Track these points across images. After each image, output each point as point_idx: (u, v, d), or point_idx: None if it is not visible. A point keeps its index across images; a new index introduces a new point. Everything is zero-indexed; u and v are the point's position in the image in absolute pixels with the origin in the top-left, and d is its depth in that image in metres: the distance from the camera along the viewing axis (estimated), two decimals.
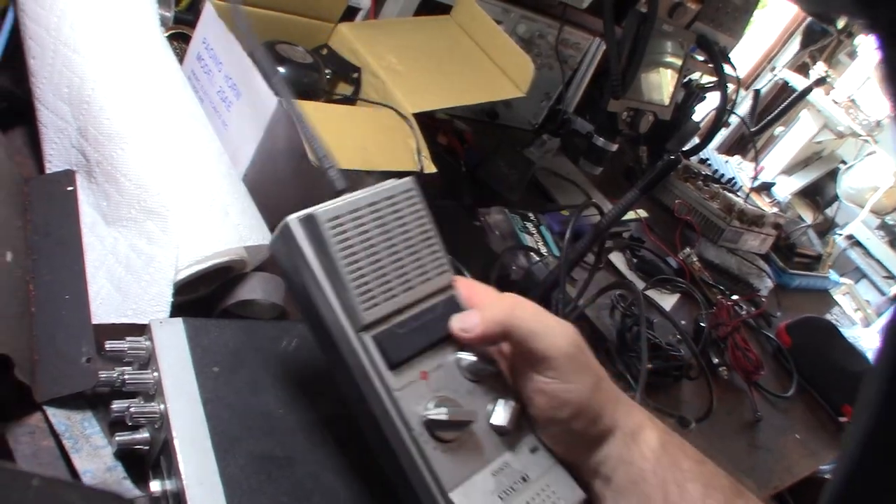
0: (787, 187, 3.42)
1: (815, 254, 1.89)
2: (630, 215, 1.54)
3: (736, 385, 1.33)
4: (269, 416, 0.59)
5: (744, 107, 3.72)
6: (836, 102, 3.36)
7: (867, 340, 1.75)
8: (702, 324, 1.36)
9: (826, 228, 3.54)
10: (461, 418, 0.51)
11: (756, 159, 2.72)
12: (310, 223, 0.51)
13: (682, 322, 1.38)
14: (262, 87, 0.79)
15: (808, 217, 3.49)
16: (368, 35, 1.15)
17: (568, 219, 1.37)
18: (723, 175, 1.96)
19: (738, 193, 1.96)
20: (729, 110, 1.93)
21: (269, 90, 0.78)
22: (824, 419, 1.44)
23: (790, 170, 3.49)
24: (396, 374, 0.51)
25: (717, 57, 1.75)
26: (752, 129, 2.04)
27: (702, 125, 2.07)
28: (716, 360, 1.31)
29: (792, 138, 3.44)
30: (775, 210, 1.82)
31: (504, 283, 1.09)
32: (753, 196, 3.43)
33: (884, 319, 1.90)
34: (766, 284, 1.68)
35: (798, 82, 3.38)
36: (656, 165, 0.97)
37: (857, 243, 3.42)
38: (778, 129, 3.56)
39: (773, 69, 3.49)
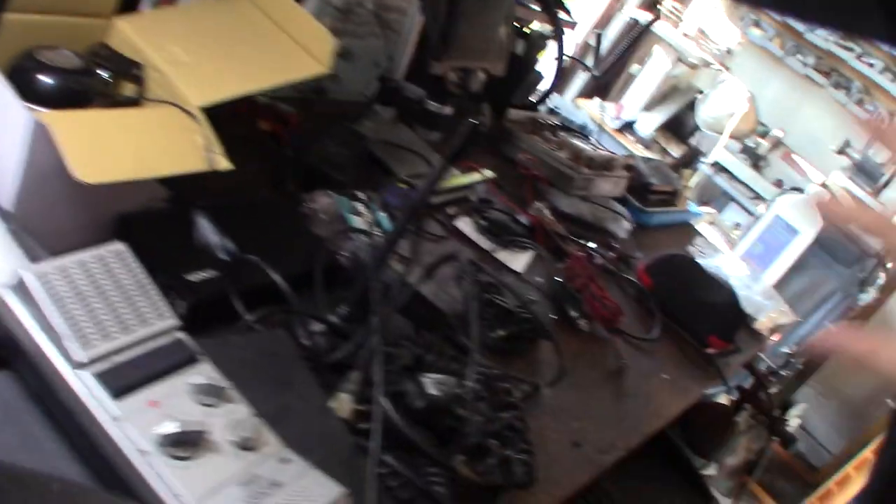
0: (649, 124, 3.47)
1: (672, 189, 1.89)
2: (476, 177, 1.49)
3: (599, 336, 1.30)
4: None
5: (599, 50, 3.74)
6: (686, 35, 3.42)
7: (730, 266, 1.78)
8: (557, 279, 1.33)
9: (691, 159, 3.63)
10: (193, 429, 0.54)
11: (603, 99, 2.74)
12: (21, 286, 0.55)
13: (538, 279, 1.35)
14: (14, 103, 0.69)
15: (674, 150, 3.56)
16: (150, 26, 1.04)
17: (406, 192, 1.31)
18: (573, 122, 1.93)
19: (592, 139, 1.94)
20: (572, 57, 1.90)
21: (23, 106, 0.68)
22: (692, 354, 1.44)
23: (650, 106, 3.54)
24: (121, 403, 0.54)
25: (550, 4, 1.71)
26: (595, 73, 2.01)
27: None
28: (574, 314, 1.28)
29: (647, 75, 3.49)
30: (633, 150, 1.83)
31: (333, 271, 1.01)
32: (617, 136, 3.48)
33: (751, 239, 1.93)
34: (623, 227, 1.67)
35: (646, 19, 3.42)
36: (459, 132, 0.90)
37: (723, 169, 3.51)
38: (634, 68, 3.61)
39: (621, 9, 3.52)
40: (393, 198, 1.28)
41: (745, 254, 1.80)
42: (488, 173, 1.52)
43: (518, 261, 1.36)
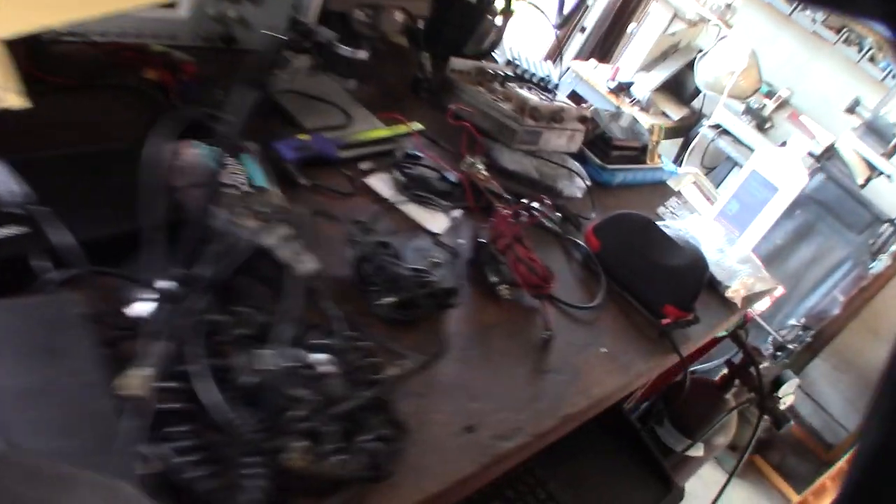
0: (646, 85, 3.27)
1: (639, 144, 1.72)
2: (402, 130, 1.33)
3: (525, 304, 1.15)
4: None
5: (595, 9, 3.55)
6: None
7: (701, 229, 1.60)
8: (481, 240, 1.17)
9: (693, 122, 3.43)
10: None
11: (556, 56, 2.56)
12: None
13: (460, 241, 1.19)
14: None
15: (675, 113, 3.37)
16: None
17: (301, 144, 1.16)
18: (533, 75, 1.76)
19: (555, 92, 1.77)
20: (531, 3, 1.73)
21: None
22: (641, 324, 1.28)
23: (648, 66, 3.34)
24: None
25: None
26: (555, 24, 1.84)
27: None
28: (493, 279, 1.12)
29: (644, 34, 3.29)
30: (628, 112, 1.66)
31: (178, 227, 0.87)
32: (612, 98, 3.28)
33: (725, 197, 1.73)
34: (577, 186, 1.50)
35: None
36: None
37: (725, 132, 3.31)
38: (631, 27, 3.40)
39: None
40: (287, 150, 1.13)
41: (720, 214, 1.61)
42: (417, 126, 1.37)
43: (437, 221, 1.20)
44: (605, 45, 3.68)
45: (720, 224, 1.66)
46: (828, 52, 3.39)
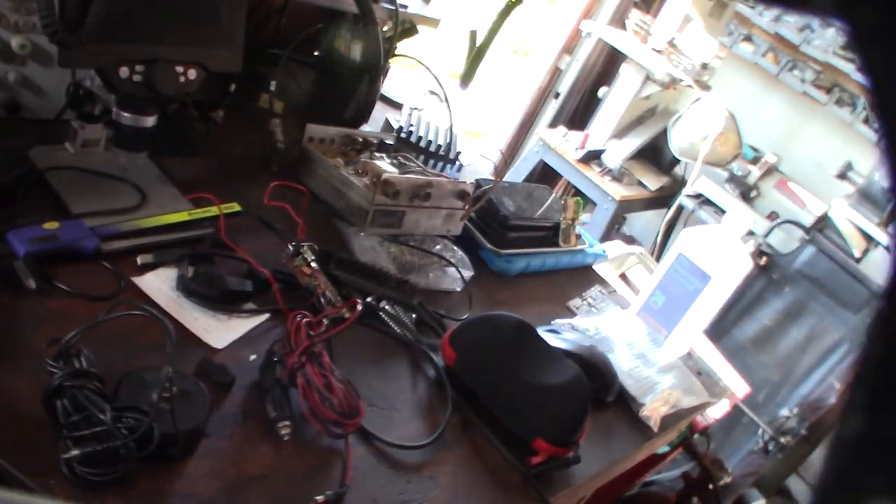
0: (618, 153, 3.02)
1: (550, 223, 1.44)
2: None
3: (324, 444, 0.87)
4: None
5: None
6: (655, 50, 2.98)
7: (617, 327, 1.31)
8: (275, 358, 0.90)
9: (674, 191, 3.16)
10: None
11: (528, 125, 2.32)
12: None
13: (252, 357, 0.92)
14: None
15: (652, 182, 3.11)
16: None
17: (43, 234, 0.90)
18: (429, 142, 1.51)
19: (455, 163, 1.52)
20: (418, 61, 1.50)
21: None
22: (501, 467, 0.98)
23: (621, 133, 3.08)
24: None
25: None
26: (462, 88, 1.60)
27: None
28: (272, 414, 0.84)
29: (615, 98, 3.04)
30: (598, 183, 1.39)
31: None
32: (582, 168, 3.03)
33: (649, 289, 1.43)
34: (452, 277, 1.23)
35: (613, 37, 3.00)
36: None
37: (707, 201, 3.02)
38: (601, 91, 3.17)
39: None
40: (20, 242, 0.88)
41: (643, 309, 1.33)
42: (232, 208, 1.11)
43: (225, 331, 0.94)
44: (578, 112, 3.45)
45: (644, 321, 1.37)
46: (819, 114, 3.12)
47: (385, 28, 1.52)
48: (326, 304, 1.01)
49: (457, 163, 1.55)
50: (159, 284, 0.96)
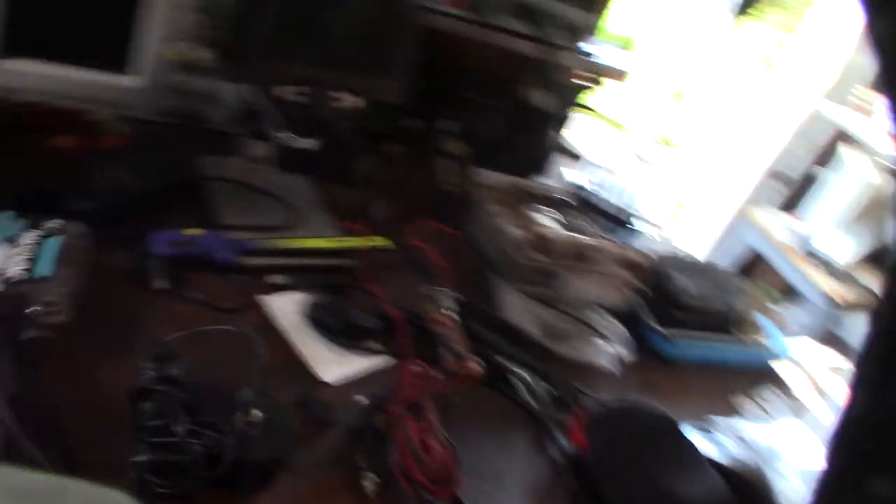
0: (844, 250, 2.71)
1: (724, 308, 1.27)
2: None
3: None
4: None
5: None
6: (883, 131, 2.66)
7: (788, 441, 1.11)
8: (378, 405, 0.83)
9: None
10: None
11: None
12: None
13: (358, 398, 0.86)
14: None
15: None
16: None
17: (182, 239, 0.91)
18: (608, 204, 1.41)
19: (630, 227, 1.40)
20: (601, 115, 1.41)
21: None
22: None
23: (845, 227, 2.76)
24: None
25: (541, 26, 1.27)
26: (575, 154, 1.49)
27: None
28: (360, 464, 0.77)
29: (837, 187, 2.74)
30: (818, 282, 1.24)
31: None
32: (797, 261, 2.73)
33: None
34: (603, 352, 1.11)
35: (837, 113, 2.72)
36: None
37: None
38: (818, 171, 2.87)
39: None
40: (160, 243, 0.89)
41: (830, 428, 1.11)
42: (380, 242, 1.07)
43: (338, 366, 0.88)
44: (793, 195, 3.15)
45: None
46: None
47: (572, 78, 1.45)
48: (451, 357, 0.94)
49: (637, 230, 1.42)
50: (285, 306, 0.93)
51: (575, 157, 1.69)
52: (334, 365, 0.89)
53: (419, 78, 1.29)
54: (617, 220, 1.40)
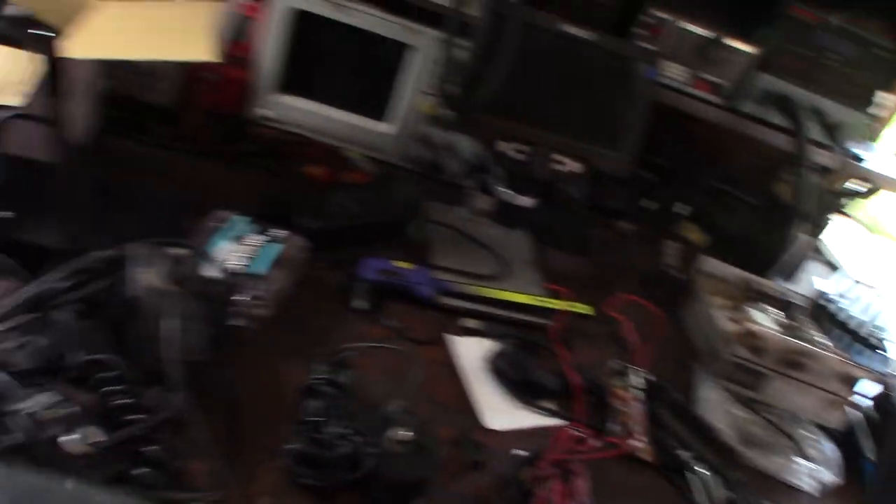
0: None
1: None
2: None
3: None
4: None
5: None
6: None
7: None
8: (529, 459, 0.83)
9: None
10: None
11: None
12: None
13: (515, 452, 0.85)
14: None
15: None
16: None
17: (390, 269, 0.99)
18: (852, 319, 1.27)
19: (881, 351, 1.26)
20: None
21: None
22: None
23: None
24: None
25: (800, 124, 1.21)
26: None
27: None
28: None
29: None
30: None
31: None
32: None
33: None
34: (808, 476, 0.99)
35: None
36: None
37: None
38: None
39: None
40: (369, 269, 0.98)
41: None
42: (580, 308, 1.07)
43: (506, 416, 0.89)
44: None
45: None
46: None
47: (840, 182, 1.35)
48: (619, 431, 0.90)
49: (884, 353, 1.26)
50: (470, 350, 0.96)
51: (832, 266, 1.55)
52: (502, 414, 0.89)
53: (662, 158, 1.29)
54: (858, 337, 1.25)
